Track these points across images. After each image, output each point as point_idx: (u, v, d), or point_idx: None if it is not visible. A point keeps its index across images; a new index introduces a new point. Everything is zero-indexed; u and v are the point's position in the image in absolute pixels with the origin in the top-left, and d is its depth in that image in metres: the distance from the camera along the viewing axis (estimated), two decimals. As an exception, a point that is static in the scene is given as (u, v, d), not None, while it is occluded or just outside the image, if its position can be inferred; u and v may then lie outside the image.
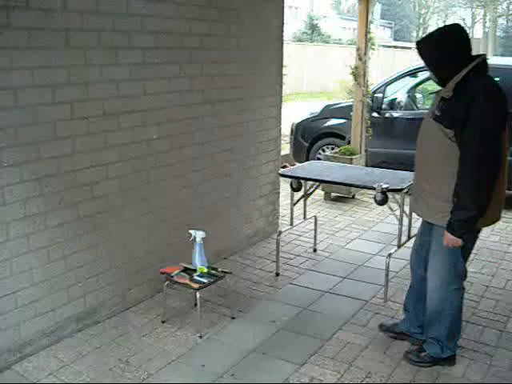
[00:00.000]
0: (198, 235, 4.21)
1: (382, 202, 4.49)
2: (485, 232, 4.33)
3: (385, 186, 4.45)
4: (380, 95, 8.22)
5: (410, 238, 5.03)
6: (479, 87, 3.19)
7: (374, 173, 5.04)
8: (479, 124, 3.12)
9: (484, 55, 3.32)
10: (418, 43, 3.36)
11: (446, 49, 3.25)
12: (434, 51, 3.30)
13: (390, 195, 4.53)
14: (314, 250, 5.72)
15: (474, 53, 3.32)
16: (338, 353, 3.85)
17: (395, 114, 8.23)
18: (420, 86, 8.85)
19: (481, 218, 3.26)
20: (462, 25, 3.42)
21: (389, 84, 8.43)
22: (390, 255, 4.66)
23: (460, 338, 3.79)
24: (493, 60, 4.65)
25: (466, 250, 3.48)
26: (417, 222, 6.28)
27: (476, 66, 3.23)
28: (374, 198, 4.53)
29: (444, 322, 3.61)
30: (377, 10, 33.78)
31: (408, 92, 8.60)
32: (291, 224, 5.46)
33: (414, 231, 5.20)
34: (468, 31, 3.42)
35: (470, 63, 3.22)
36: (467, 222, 3.25)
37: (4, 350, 3.58)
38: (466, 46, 3.29)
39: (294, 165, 7.55)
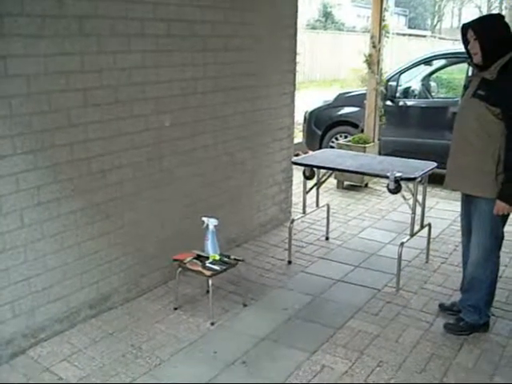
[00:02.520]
0: (211, 223, 4.22)
1: (395, 190, 4.47)
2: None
3: (398, 174, 4.43)
4: (394, 83, 8.16)
5: (422, 227, 5.02)
6: None
7: (387, 161, 5.01)
8: None
9: None
10: (473, 26, 3.58)
11: (500, 34, 3.53)
12: (491, 35, 3.53)
13: (403, 184, 4.51)
14: (327, 239, 5.71)
15: None
16: (349, 341, 3.86)
17: (409, 103, 8.18)
18: (434, 75, 8.78)
19: None
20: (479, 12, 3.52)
21: (403, 72, 8.37)
22: (402, 244, 4.65)
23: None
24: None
25: (506, 216, 3.76)
26: (430, 211, 6.28)
27: None
28: (387, 186, 4.51)
29: (484, 289, 3.88)
30: (391, -3, 33.54)
31: (422, 80, 8.54)
32: (304, 212, 5.45)
33: (427, 220, 5.21)
34: None
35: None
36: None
37: (18, 336, 3.62)
38: (511, 35, 3.57)
39: (306, 153, 7.53)
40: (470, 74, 4.02)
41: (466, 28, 3.64)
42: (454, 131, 3.87)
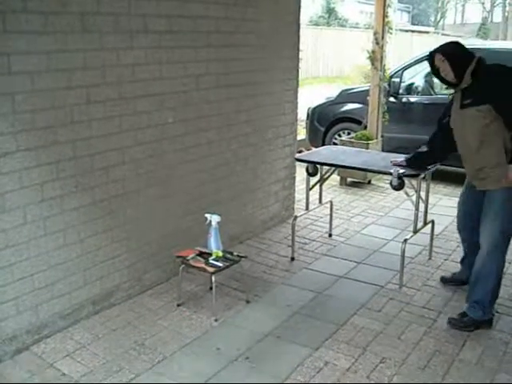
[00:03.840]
0: (214, 219, 4.22)
1: (399, 187, 4.47)
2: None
3: (401, 171, 4.43)
4: (397, 80, 8.15)
5: (426, 223, 5.02)
6: (489, 68, 3.82)
7: (390, 158, 5.00)
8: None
9: (479, 56, 3.89)
10: (440, 50, 3.92)
11: (460, 49, 3.94)
12: (454, 51, 3.92)
13: (406, 180, 4.51)
14: (330, 235, 5.71)
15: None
16: (352, 338, 3.86)
17: (412, 99, 8.17)
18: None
19: None
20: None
21: (406, 69, 8.35)
22: (405, 241, 4.64)
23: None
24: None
25: None
26: (433, 208, 6.27)
27: (479, 58, 3.83)
28: (391, 183, 4.51)
29: (491, 284, 3.94)
30: (394, -7, 33.42)
31: (425, 77, 8.51)
32: (307, 209, 5.45)
33: (431, 217, 5.21)
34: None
35: (474, 57, 3.83)
36: None
37: (22, 332, 3.63)
38: (465, 49, 3.94)
39: (309, 150, 7.52)
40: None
41: (432, 56, 3.95)
42: (459, 148, 4.06)
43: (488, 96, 3.74)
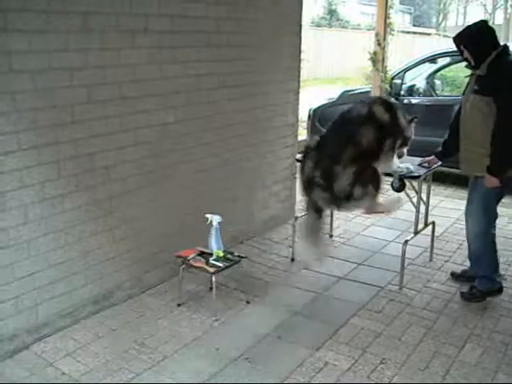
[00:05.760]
0: (215, 219, 4.22)
1: (400, 188, 4.48)
2: (502, 221, 4.32)
3: (402, 172, 4.42)
4: (399, 81, 8.15)
5: (426, 225, 5.01)
6: (506, 64, 4.02)
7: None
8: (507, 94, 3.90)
9: (505, 44, 4.15)
10: (460, 35, 4.13)
11: (483, 39, 4.06)
12: (475, 42, 4.05)
13: (407, 182, 4.51)
14: (330, 236, 5.71)
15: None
16: (352, 338, 3.86)
17: (414, 101, 8.16)
18: (439, 73, 8.76)
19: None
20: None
21: (407, 70, 8.35)
22: (406, 242, 4.64)
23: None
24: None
25: (498, 194, 4.18)
26: (433, 210, 6.26)
27: (502, 49, 4.04)
28: (392, 184, 4.51)
29: (488, 258, 4.30)
30: (396, -5, 33.33)
31: (427, 78, 8.52)
32: (307, 210, 5.43)
33: (431, 218, 5.20)
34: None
35: (497, 48, 4.03)
36: (501, 167, 4.03)
37: (22, 331, 3.63)
38: (493, 34, 4.10)
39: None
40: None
41: (455, 40, 4.16)
42: (461, 127, 4.27)
43: (492, 89, 3.94)
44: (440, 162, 4.68)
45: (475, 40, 4.07)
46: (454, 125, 4.37)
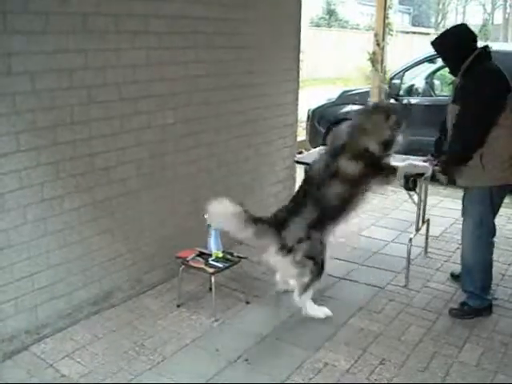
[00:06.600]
0: (214, 220, 4.22)
1: (412, 187, 4.50)
2: (502, 220, 4.32)
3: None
4: (398, 81, 8.15)
5: (424, 222, 5.03)
6: (478, 72, 3.81)
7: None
8: (468, 106, 3.81)
9: (486, 45, 3.93)
10: (434, 43, 4.01)
11: (458, 43, 3.90)
12: (446, 47, 3.98)
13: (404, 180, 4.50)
14: (329, 237, 5.69)
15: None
16: (352, 339, 3.86)
17: (413, 101, 8.16)
18: (438, 73, 8.76)
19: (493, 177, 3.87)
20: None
21: (407, 70, 8.35)
22: (410, 240, 4.68)
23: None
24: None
25: (495, 205, 4.00)
26: (433, 210, 6.27)
27: (477, 55, 3.83)
28: (404, 184, 4.49)
29: (477, 275, 4.09)
30: (395, -5, 33.36)
31: (426, 78, 8.52)
32: (307, 210, 5.43)
33: (430, 218, 5.20)
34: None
35: (473, 52, 3.84)
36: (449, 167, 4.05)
37: (21, 332, 3.63)
38: (469, 41, 3.91)
39: (309, 151, 7.51)
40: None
41: (433, 46, 4.06)
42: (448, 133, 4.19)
43: (461, 96, 3.89)
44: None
45: (448, 45, 3.95)
46: (443, 125, 4.32)
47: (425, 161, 4.67)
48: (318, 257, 4.00)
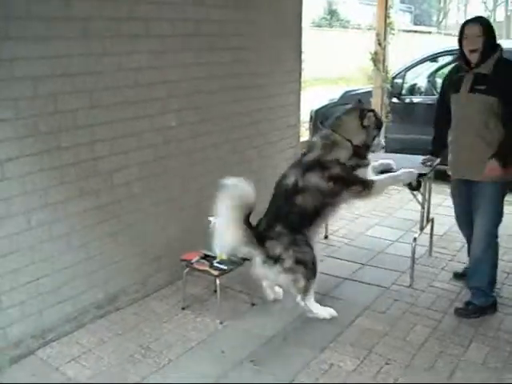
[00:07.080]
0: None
1: (417, 187, 4.50)
2: (507, 218, 4.30)
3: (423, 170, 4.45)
4: (400, 81, 8.14)
5: (428, 221, 5.03)
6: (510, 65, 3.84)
7: (393, 158, 4.98)
8: None
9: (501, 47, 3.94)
10: (482, 23, 3.88)
11: (494, 33, 3.90)
12: (493, 33, 3.90)
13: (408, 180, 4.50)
14: (326, 237, 5.66)
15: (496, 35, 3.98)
16: (357, 339, 3.85)
17: (415, 100, 8.16)
18: (440, 71, 8.75)
19: None
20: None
21: (409, 69, 8.35)
22: (415, 239, 4.68)
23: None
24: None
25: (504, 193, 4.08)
26: (437, 209, 6.26)
27: (501, 50, 3.87)
28: (410, 183, 4.48)
29: (488, 270, 4.12)
30: (396, -6, 33.33)
31: (428, 77, 8.51)
32: (310, 211, 5.42)
33: (434, 216, 5.20)
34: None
35: (499, 45, 3.89)
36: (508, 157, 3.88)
37: (27, 336, 3.63)
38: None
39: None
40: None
41: (470, 25, 3.88)
42: (456, 127, 4.13)
43: (500, 89, 3.79)
44: (438, 160, 4.66)
45: (492, 31, 3.90)
46: (440, 122, 4.34)
47: (425, 160, 4.67)
48: (308, 260, 3.97)
